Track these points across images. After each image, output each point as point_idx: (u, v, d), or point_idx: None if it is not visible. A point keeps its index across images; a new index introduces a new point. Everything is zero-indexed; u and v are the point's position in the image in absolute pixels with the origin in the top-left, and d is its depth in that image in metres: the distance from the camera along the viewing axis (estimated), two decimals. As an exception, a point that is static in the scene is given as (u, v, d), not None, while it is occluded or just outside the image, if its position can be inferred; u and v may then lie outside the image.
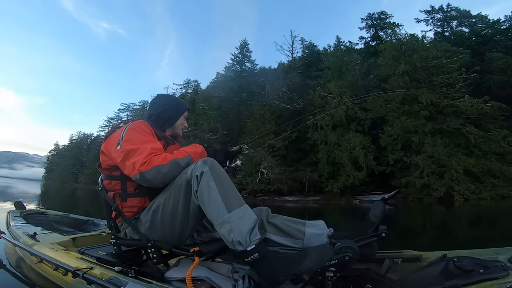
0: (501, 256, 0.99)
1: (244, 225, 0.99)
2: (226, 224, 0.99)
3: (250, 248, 0.97)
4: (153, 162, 1.04)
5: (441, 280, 0.94)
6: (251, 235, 0.99)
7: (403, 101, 17.47)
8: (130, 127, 1.18)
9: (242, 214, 1.01)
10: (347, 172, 17.78)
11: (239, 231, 0.97)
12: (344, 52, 23.22)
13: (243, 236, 0.97)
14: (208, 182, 1.02)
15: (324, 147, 19.38)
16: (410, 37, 19.83)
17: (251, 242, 0.98)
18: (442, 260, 1.07)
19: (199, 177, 1.03)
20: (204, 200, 1.02)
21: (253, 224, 1.01)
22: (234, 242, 0.97)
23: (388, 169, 17.56)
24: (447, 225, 6.80)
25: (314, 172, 19.55)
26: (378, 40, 23.98)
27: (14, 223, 2.21)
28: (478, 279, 0.85)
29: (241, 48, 30.46)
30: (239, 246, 0.98)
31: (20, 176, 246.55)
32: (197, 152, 1.18)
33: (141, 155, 1.05)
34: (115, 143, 1.14)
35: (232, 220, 0.98)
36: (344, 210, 12.43)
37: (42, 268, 1.57)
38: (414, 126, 16.38)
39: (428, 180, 15.47)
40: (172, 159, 1.07)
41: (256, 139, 15.60)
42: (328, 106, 18.99)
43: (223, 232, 1.00)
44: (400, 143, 17.12)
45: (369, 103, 18.98)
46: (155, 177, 1.05)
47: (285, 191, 19.25)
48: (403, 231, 5.54)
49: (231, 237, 0.97)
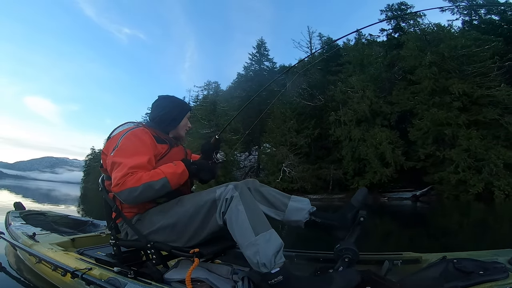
0: (501, 258, 0.98)
1: (270, 248, 1.00)
2: (253, 246, 1.00)
3: (274, 271, 0.98)
4: (126, 184, 1.04)
5: (441, 281, 0.93)
6: (276, 258, 1.00)
7: (432, 92, 16.47)
8: (126, 136, 1.18)
9: (268, 237, 1.03)
10: (374, 168, 17.14)
11: (265, 254, 0.99)
12: (365, 46, 22.43)
13: (269, 259, 0.98)
14: (237, 205, 1.05)
15: (348, 144, 18.83)
16: (436, 26, 18.77)
17: (275, 265, 0.99)
18: (442, 262, 1.06)
19: (228, 200, 1.06)
20: (233, 223, 1.05)
21: (279, 248, 1.02)
22: (259, 264, 0.99)
23: (419, 165, 16.63)
24: (487, 223, 6.33)
25: (339, 170, 19.09)
26: (400, 32, 22.79)
27: (13, 224, 2.21)
28: (478, 281, 0.85)
29: (259, 47, 30.53)
30: (263, 268, 0.99)
31: (62, 179, 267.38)
32: (176, 172, 1.13)
33: (118, 173, 1.06)
34: (111, 148, 1.16)
35: (258, 243, 1.00)
36: (371, 208, 12.01)
37: (41, 269, 1.57)
38: (446, 118, 15.36)
39: (465, 175, 14.44)
40: (145, 182, 1.05)
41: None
42: (351, 100, 18.44)
43: (248, 254, 1.01)
44: (431, 137, 16.14)
45: (395, 96, 18.13)
46: (127, 199, 1.06)
47: (309, 189, 19.00)
48: (436, 230, 5.26)
49: (256, 259, 0.99)
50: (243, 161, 27.23)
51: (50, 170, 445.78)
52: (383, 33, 24.44)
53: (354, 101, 18.69)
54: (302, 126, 21.51)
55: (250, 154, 27.70)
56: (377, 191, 17.25)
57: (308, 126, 21.33)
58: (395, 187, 17.55)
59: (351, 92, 19.16)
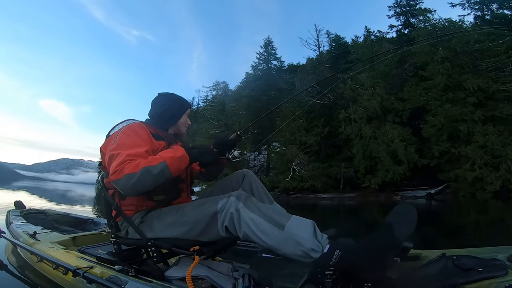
0: (500, 255, 0.97)
1: (306, 230, 0.93)
2: (288, 240, 0.92)
3: (327, 249, 0.90)
4: (123, 171, 0.99)
5: (440, 278, 0.92)
6: (318, 236, 0.93)
7: (446, 88, 16.02)
8: (123, 130, 1.17)
9: (295, 223, 0.96)
10: (386, 166, 16.78)
11: (305, 239, 0.91)
12: (374, 42, 22.07)
13: (312, 241, 0.90)
14: (249, 215, 0.98)
15: (359, 141, 18.54)
16: (446, 21, 18.53)
17: (323, 243, 0.91)
18: (441, 258, 1.04)
19: (235, 214, 1.00)
20: (255, 232, 0.96)
21: (313, 226, 0.96)
22: (308, 251, 0.89)
23: (433, 162, 16.15)
24: (505, 221, 6.15)
25: (349, 168, 18.80)
26: (410, 28, 22.33)
27: (14, 223, 2.21)
28: (477, 278, 0.84)
29: (266, 47, 30.41)
30: (314, 253, 0.89)
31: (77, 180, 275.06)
32: (175, 156, 1.08)
33: (116, 162, 1.02)
34: (110, 144, 1.14)
35: (291, 233, 0.93)
36: (383, 207, 11.82)
37: (42, 267, 1.57)
38: (461, 114, 14.91)
39: (481, 172, 13.96)
40: (144, 167, 1.00)
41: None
42: (361, 97, 18.17)
43: (291, 251, 0.92)
44: (445, 133, 15.69)
45: (407, 93, 17.74)
46: (125, 186, 1.01)
47: (319, 188, 18.83)
48: (453, 229, 5.16)
49: (301, 249, 0.90)
50: (253, 160, 27.31)
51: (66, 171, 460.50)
52: (392, 30, 23.99)
53: (364, 98, 18.39)
54: (312, 124, 21.35)
55: (260, 153, 27.74)
56: (389, 189, 16.92)
57: (317, 125, 21.15)
58: (409, 186, 17.12)
59: (361, 89, 18.88)
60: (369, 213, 9.33)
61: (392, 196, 16.34)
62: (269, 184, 21.11)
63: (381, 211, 10.08)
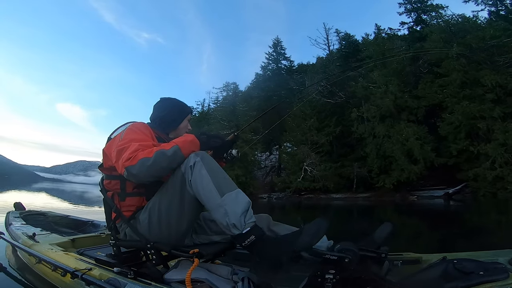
0: (501, 258, 0.97)
1: (238, 207, 0.99)
2: (220, 208, 1.00)
3: (245, 231, 0.97)
4: (138, 156, 1.03)
5: (441, 282, 0.92)
6: (246, 218, 0.99)
7: (462, 84, 15.52)
8: (129, 127, 1.21)
9: (235, 196, 1.02)
10: (401, 166, 16.36)
11: (233, 214, 0.98)
12: (385, 40, 21.68)
13: (237, 219, 0.97)
14: (200, 170, 1.04)
15: (372, 140, 18.18)
16: (460, 17, 18.07)
17: (246, 225, 0.98)
18: (442, 262, 1.04)
19: (192, 167, 1.06)
20: (198, 188, 1.04)
21: (247, 207, 1.01)
22: (229, 225, 0.97)
23: (451, 161, 15.61)
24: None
25: (363, 168, 18.47)
26: (422, 24, 21.86)
27: (13, 224, 2.20)
28: (478, 281, 0.84)
29: (275, 47, 30.45)
30: (234, 229, 0.97)
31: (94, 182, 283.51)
32: (186, 140, 1.13)
33: (129, 150, 1.05)
34: (115, 143, 1.16)
35: (225, 203, 0.99)
36: (398, 208, 11.58)
37: (41, 269, 1.55)
38: (479, 111, 14.36)
39: (502, 171, 13.37)
40: (158, 150, 1.05)
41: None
42: (373, 96, 17.87)
43: (218, 217, 1.01)
44: (463, 131, 15.15)
45: (421, 90, 17.28)
46: (141, 170, 1.02)
47: (331, 188, 18.63)
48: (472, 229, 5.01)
49: (225, 220, 0.98)
50: (264, 161, 27.33)
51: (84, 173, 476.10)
52: (403, 27, 23.52)
53: (377, 96, 18.04)
54: (323, 124, 21.16)
55: (271, 153, 27.73)
56: (405, 189, 16.50)
57: (329, 124, 20.95)
58: (425, 185, 16.63)
59: (373, 87, 18.55)
60: (383, 214, 9.16)
61: (407, 196, 15.95)
62: (280, 184, 21.08)
63: (396, 212, 9.88)
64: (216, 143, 1.26)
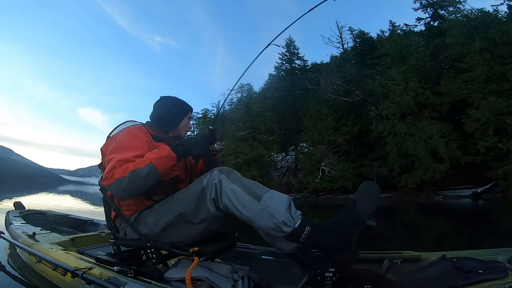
0: (500, 257, 0.96)
1: (280, 205, 0.95)
2: (263, 212, 0.95)
3: (298, 224, 0.92)
4: (114, 176, 1.02)
5: (440, 280, 0.91)
6: (291, 212, 0.95)
7: (488, 79, 14.82)
8: (122, 133, 1.19)
9: (272, 196, 0.99)
10: (425, 164, 15.74)
11: (278, 212, 0.93)
12: (402, 36, 21.02)
13: (284, 215, 0.93)
14: (229, 186, 1.02)
15: (392, 139, 17.65)
16: (479, 12, 17.49)
17: (295, 218, 0.93)
18: (441, 260, 1.03)
19: (218, 185, 1.03)
20: (234, 203, 1.00)
21: (289, 201, 0.98)
22: (279, 224, 0.92)
23: (478, 159, 14.83)
24: None
25: (383, 167, 17.98)
26: (440, 19, 21.16)
27: (13, 223, 2.20)
28: (477, 280, 0.84)
29: (288, 46, 30.24)
30: (286, 227, 0.92)
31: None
32: (161, 156, 1.08)
33: (107, 168, 1.05)
34: (110, 146, 1.16)
35: (266, 205, 0.96)
36: (422, 208, 11.19)
37: (41, 268, 1.55)
38: (507, 106, 13.65)
39: (534, 168, 12.66)
40: (132, 170, 1.02)
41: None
42: (392, 93, 17.42)
43: (264, 223, 0.95)
44: (491, 128, 14.38)
45: (444, 86, 16.65)
46: (117, 190, 1.04)
47: (350, 188, 18.27)
48: (503, 229, 4.82)
49: (273, 222, 0.92)
50: (280, 161, 27.24)
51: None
52: (420, 23, 22.81)
53: (396, 93, 17.52)
54: (340, 123, 20.80)
55: (287, 154, 27.59)
56: (429, 189, 15.90)
57: (346, 123, 20.57)
58: (451, 184, 15.93)
59: (391, 84, 18.04)
60: (406, 214, 8.89)
61: (432, 196, 15.39)
62: (297, 185, 20.92)
63: (421, 212, 9.55)
64: (196, 152, 1.22)
